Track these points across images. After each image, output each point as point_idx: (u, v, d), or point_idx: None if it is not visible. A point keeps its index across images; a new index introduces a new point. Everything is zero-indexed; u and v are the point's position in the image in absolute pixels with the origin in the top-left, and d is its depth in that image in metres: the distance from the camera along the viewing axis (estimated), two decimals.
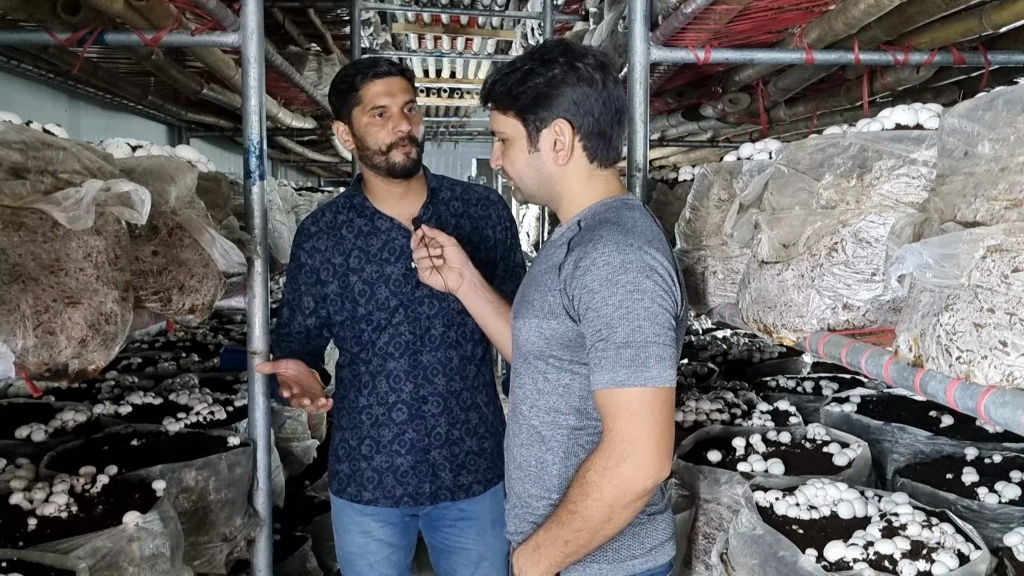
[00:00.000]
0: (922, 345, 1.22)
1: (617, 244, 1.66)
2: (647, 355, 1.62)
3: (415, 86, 2.42)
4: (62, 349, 1.41)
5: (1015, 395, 1.06)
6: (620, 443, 1.63)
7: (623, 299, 1.63)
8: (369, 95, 2.31)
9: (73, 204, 1.40)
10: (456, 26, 7.48)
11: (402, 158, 2.32)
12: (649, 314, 1.63)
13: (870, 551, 1.88)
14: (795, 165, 1.70)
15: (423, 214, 2.41)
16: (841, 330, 1.61)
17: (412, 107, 2.36)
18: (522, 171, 1.84)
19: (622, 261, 1.64)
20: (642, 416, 1.62)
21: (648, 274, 1.64)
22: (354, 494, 2.45)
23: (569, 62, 1.75)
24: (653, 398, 1.63)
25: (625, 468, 1.63)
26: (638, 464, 1.62)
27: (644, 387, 1.62)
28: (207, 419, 2.97)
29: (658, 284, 1.65)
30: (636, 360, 1.62)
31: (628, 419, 1.63)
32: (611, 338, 1.63)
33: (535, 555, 1.78)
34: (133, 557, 1.92)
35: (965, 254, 1.12)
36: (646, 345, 1.62)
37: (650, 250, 1.68)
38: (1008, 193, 1.12)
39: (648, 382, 1.62)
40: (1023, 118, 1.12)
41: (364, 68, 2.34)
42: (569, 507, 1.70)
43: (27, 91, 3.86)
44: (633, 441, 1.62)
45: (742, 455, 2.54)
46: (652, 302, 1.64)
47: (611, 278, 1.64)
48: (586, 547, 1.73)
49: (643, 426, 1.62)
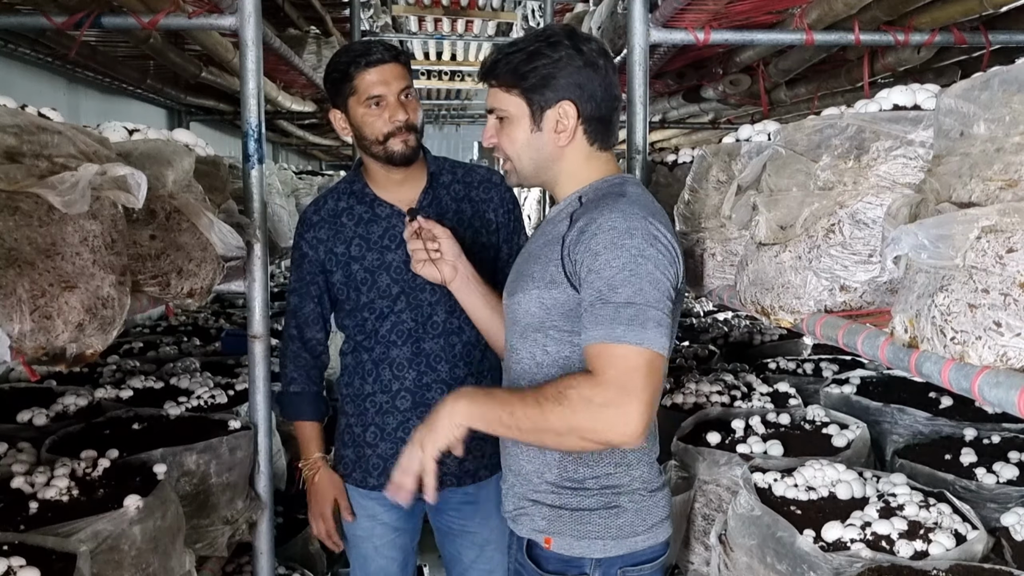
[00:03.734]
0: (917, 326, 1.22)
1: (623, 212, 1.67)
2: (647, 317, 1.59)
3: (411, 69, 2.38)
4: (59, 333, 1.41)
5: (1009, 375, 1.06)
6: (615, 388, 1.56)
7: (627, 262, 1.62)
8: (364, 85, 2.27)
9: (69, 188, 1.40)
10: (456, 8, 7.45)
11: (401, 147, 2.30)
12: (652, 279, 1.62)
13: (867, 531, 1.89)
14: (793, 147, 1.70)
15: (423, 199, 2.40)
16: (838, 311, 1.61)
17: (409, 93, 2.31)
18: (520, 150, 1.84)
19: (627, 227, 1.64)
20: (640, 373, 1.57)
21: (652, 242, 1.65)
22: (359, 479, 2.46)
23: (575, 46, 1.77)
24: (651, 360, 1.58)
25: (610, 412, 1.55)
26: (624, 419, 1.55)
27: (641, 346, 1.58)
28: (208, 403, 2.98)
29: (661, 253, 1.65)
30: (636, 319, 1.58)
31: (624, 371, 1.57)
32: (612, 298, 1.60)
33: (483, 399, 1.71)
34: (134, 540, 1.93)
35: (960, 235, 1.12)
36: (647, 308, 1.60)
37: (654, 221, 1.68)
38: (1003, 173, 1.12)
39: (646, 342, 1.58)
40: (1019, 98, 1.12)
41: (357, 56, 2.28)
42: (539, 398, 1.62)
43: (25, 75, 3.85)
44: (628, 393, 1.55)
45: (741, 437, 2.55)
46: (656, 268, 1.63)
47: (616, 241, 1.63)
48: (519, 433, 1.68)
49: (638, 382, 1.56)
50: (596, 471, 1.82)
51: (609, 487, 1.82)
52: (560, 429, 1.61)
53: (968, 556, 1.80)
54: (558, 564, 1.84)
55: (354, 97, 2.29)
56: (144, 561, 1.96)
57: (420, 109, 2.37)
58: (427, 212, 2.36)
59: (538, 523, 1.86)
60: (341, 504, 2.50)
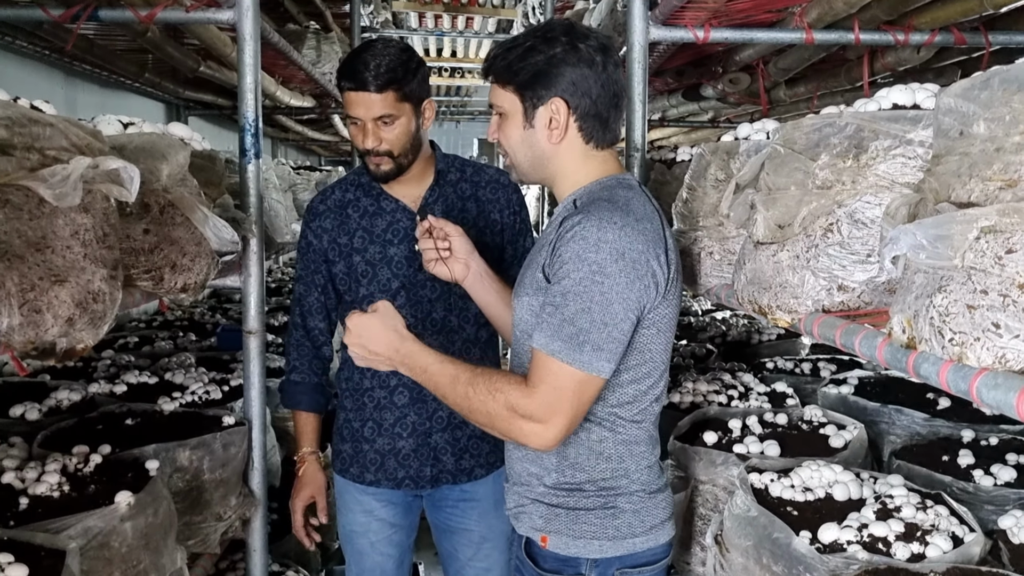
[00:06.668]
0: (915, 327, 1.21)
1: (599, 220, 1.66)
2: (584, 340, 1.64)
3: (402, 92, 2.26)
4: (48, 327, 1.39)
5: (1007, 377, 1.05)
6: (538, 402, 1.65)
7: (583, 277, 1.64)
8: (346, 102, 2.29)
9: (60, 181, 1.39)
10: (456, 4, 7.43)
11: (373, 167, 2.32)
12: (604, 300, 1.64)
13: (864, 533, 1.88)
14: (791, 145, 1.68)
15: (429, 195, 2.39)
16: (836, 311, 1.60)
17: (391, 120, 2.25)
18: (516, 146, 1.84)
19: (597, 239, 1.65)
20: (564, 393, 1.65)
21: (617, 258, 1.64)
22: (356, 474, 2.46)
23: (571, 42, 1.75)
24: (581, 382, 1.65)
25: (527, 425, 1.66)
26: (539, 431, 1.66)
27: (573, 367, 1.64)
28: (202, 398, 2.97)
29: (623, 271, 1.65)
30: (575, 339, 1.64)
31: (551, 389, 1.65)
32: (561, 309, 1.66)
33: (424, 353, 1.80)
34: (125, 537, 1.91)
35: (959, 235, 1.10)
36: (588, 331, 1.64)
37: (631, 232, 1.67)
38: (1003, 173, 1.11)
39: (577, 364, 1.64)
40: (1019, 97, 1.10)
41: (345, 73, 2.25)
42: (474, 380, 1.72)
43: (22, 68, 3.83)
44: (548, 407, 1.65)
45: (738, 436, 2.54)
46: (611, 289, 1.64)
47: (581, 254, 1.65)
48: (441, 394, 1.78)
49: (562, 402, 1.65)
50: (593, 475, 1.82)
51: (607, 489, 1.82)
52: (481, 420, 1.73)
53: (965, 559, 1.78)
54: (554, 563, 1.84)
55: (345, 108, 2.32)
56: (135, 558, 1.94)
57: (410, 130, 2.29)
58: (432, 209, 2.36)
59: (536, 521, 1.86)
60: (318, 503, 2.53)
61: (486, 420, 1.71)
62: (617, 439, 1.81)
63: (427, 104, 2.33)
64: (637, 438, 1.83)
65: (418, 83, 2.29)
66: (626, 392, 1.78)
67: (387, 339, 1.81)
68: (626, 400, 1.79)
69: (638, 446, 1.83)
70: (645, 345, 1.76)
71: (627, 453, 1.82)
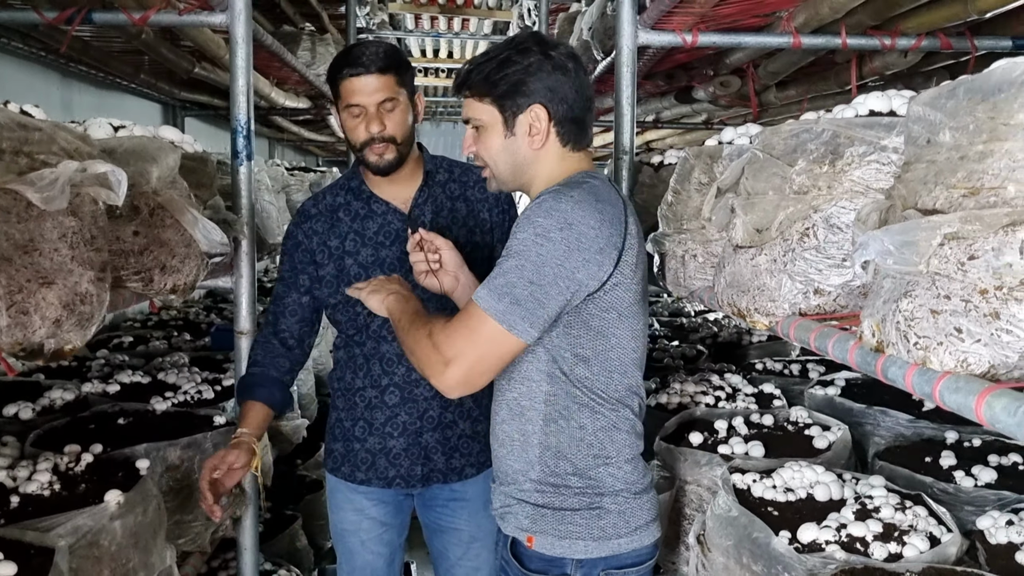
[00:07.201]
0: (883, 331, 1.23)
1: (557, 193, 1.73)
2: (506, 293, 1.69)
3: (400, 78, 2.31)
4: (36, 329, 1.42)
5: (968, 381, 1.08)
6: (447, 337, 1.73)
7: (527, 237, 1.70)
8: (345, 92, 2.27)
9: (47, 185, 1.41)
10: (452, 6, 7.45)
11: (375, 158, 2.30)
12: (539, 261, 1.68)
13: (843, 533, 1.90)
14: (770, 150, 1.71)
15: (419, 196, 2.41)
16: (812, 315, 1.62)
17: (394, 104, 2.28)
18: (496, 156, 1.87)
19: (549, 207, 1.71)
20: (474, 337, 1.71)
21: (563, 227, 1.69)
22: (348, 473, 2.47)
23: (544, 51, 1.81)
24: (493, 332, 1.70)
25: (434, 355, 1.74)
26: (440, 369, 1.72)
27: (489, 315, 1.69)
28: (194, 398, 2.99)
29: (566, 240, 1.69)
30: (499, 291, 1.70)
31: (465, 330, 1.72)
32: (502, 263, 1.72)
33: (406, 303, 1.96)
34: (114, 535, 1.93)
35: (924, 241, 1.13)
36: (514, 285, 1.69)
37: (586, 208, 1.71)
38: (966, 181, 1.13)
39: (493, 313, 1.69)
40: (982, 107, 1.13)
41: (343, 63, 2.27)
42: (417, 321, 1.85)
43: (18, 70, 3.85)
44: (454, 347, 1.71)
45: (724, 437, 2.57)
46: (548, 253, 1.68)
47: (531, 218, 1.71)
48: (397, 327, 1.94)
49: (468, 343, 1.71)
50: (577, 464, 1.84)
51: (592, 486, 1.84)
52: (411, 349, 1.82)
53: (941, 559, 1.81)
54: (540, 563, 1.87)
55: (340, 102, 2.31)
56: (124, 556, 1.96)
57: (408, 116, 2.35)
58: (422, 210, 2.38)
59: (522, 521, 1.89)
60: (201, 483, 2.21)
61: (415, 349, 1.80)
62: (597, 425, 1.84)
63: (418, 97, 2.37)
64: (617, 425, 1.85)
65: (411, 74, 2.34)
66: (599, 379, 1.82)
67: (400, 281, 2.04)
68: (599, 387, 1.82)
69: (619, 433, 1.85)
70: (608, 329, 1.79)
71: (608, 440, 1.84)
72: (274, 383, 2.43)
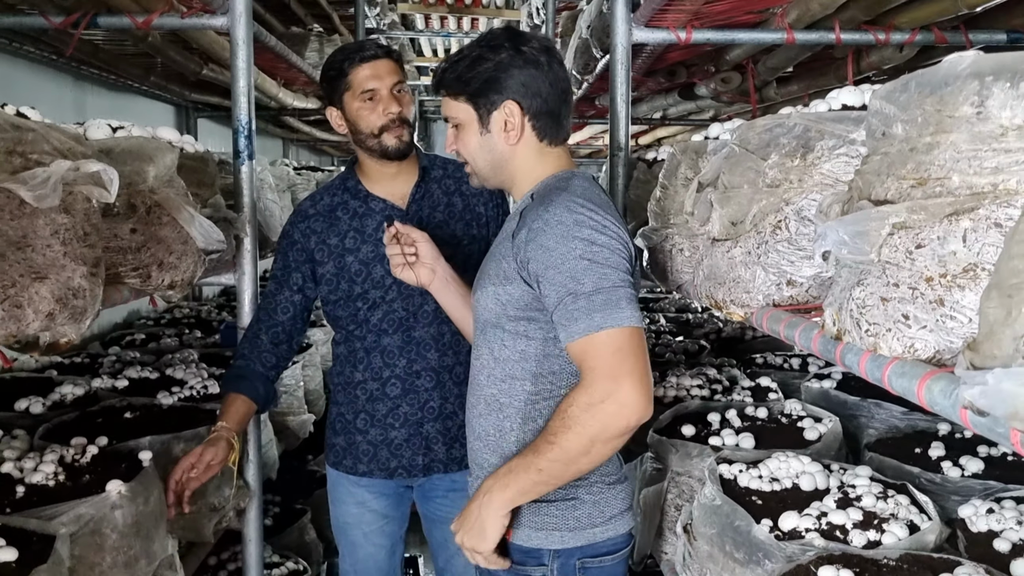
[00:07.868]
0: (841, 319, 1.27)
1: (567, 206, 1.73)
2: (618, 297, 1.67)
3: (404, 67, 2.46)
4: (30, 322, 1.48)
5: (913, 366, 1.11)
6: (604, 380, 1.64)
7: (584, 252, 1.69)
8: (358, 79, 2.36)
9: (40, 183, 1.47)
10: (461, 6, 7.50)
11: (394, 141, 2.38)
12: (612, 263, 1.69)
13: (823, 521, 1.93)
14: (745, 145, 1.75)
15: (415, 192, 2.46)
16: (785, 305, 1.66)
17: (401, 88, 2.41)
18: (475, 153, 1.91)
19: (575, 220, 1.71)
20: (624, 353, 1.65)
21: (601, 230, 1.71)
22: (349, 466, 2.52)
23: (515, 46, 1.84)
24: (632, 336, 1.66)
25: (609, 404, 1.63)
26: (623, 401, 1.63)
27: (622, 327, 1.65)
28: (200, 393, 3.05)
29: (612, 238, 1.72)
30: (609, 303, 1.66)
31: (610, 357, 1.64)
32: (579, 290, 1.67)
33: (506, 478, 1.77)
34: (116, 524, 1.98)
35: (874, 231, 1.16)
36: (615, 288, 1.67)
37: (599, 211, 1.74)
38: (915, 172, 1.16)
39: (624, 322, 1.65)
40: (930, 100, 1.16)
41: (351, 53, 2.39)
42: (548, 438, 1.70)
43: (32, 73, 3.92)
44: (617, 378, 1.63)
45: (716, 430, 2.59)
46: (612, 253, 1.70)
47: (567, 234, 1.70)
48: (558, 478, 1.74)
49: (625, 363, 1.64)
50: None
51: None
52: (583, 448, 1.67)
53: (919, 546, 1.83)
54: (519, 555, 1.89)
55: (349, 92, 2.38)
56: (126, 545, 2.01)
57: (413, 104, 2.43)
58: (419, 205, 2.45)
59: None
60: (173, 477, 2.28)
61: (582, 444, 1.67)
62: None
63: None
64: None
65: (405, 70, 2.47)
66: None
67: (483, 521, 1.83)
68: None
69: None
70: None
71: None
72: (258, 377, 2.48)
